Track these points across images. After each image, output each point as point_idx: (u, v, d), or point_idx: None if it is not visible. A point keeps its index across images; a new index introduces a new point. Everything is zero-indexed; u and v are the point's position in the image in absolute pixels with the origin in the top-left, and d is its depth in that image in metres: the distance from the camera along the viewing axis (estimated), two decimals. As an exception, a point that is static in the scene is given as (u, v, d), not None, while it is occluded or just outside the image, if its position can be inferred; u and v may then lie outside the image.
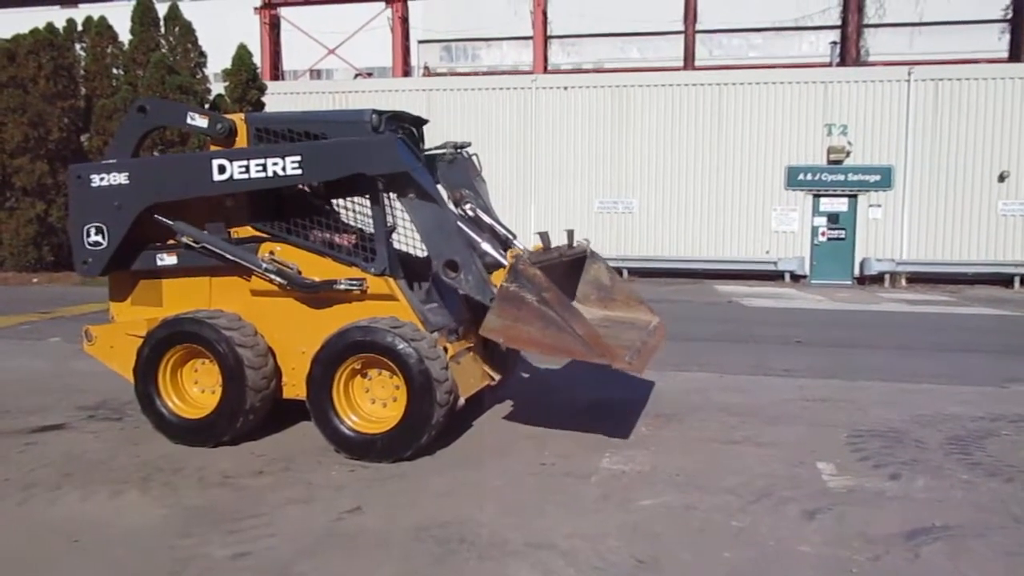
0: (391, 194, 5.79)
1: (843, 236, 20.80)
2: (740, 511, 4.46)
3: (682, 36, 27.70)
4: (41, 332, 11.12)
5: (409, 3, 28.46)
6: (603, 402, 7.02)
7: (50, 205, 20.37)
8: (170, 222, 5.73)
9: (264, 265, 5.54)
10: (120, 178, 5.71)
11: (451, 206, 6.01)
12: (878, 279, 20.41)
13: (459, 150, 6.23)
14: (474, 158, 6.35)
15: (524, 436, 5.91)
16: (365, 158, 5.34)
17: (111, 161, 5.89)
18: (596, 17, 29.88)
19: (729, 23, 30.00)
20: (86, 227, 5.82)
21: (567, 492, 4.76)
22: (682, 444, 5.79)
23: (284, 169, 5.37)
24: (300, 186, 6.04)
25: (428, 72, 31.44)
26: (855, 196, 20.66)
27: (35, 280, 19.40)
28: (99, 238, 5.79)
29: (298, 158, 5.35)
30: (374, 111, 5.57)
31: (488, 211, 6.30)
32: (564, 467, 5.21)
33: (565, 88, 22.16)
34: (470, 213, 6.20)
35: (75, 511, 4.44)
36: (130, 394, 5.89)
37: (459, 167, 6.23)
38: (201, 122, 5.76)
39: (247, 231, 5.71)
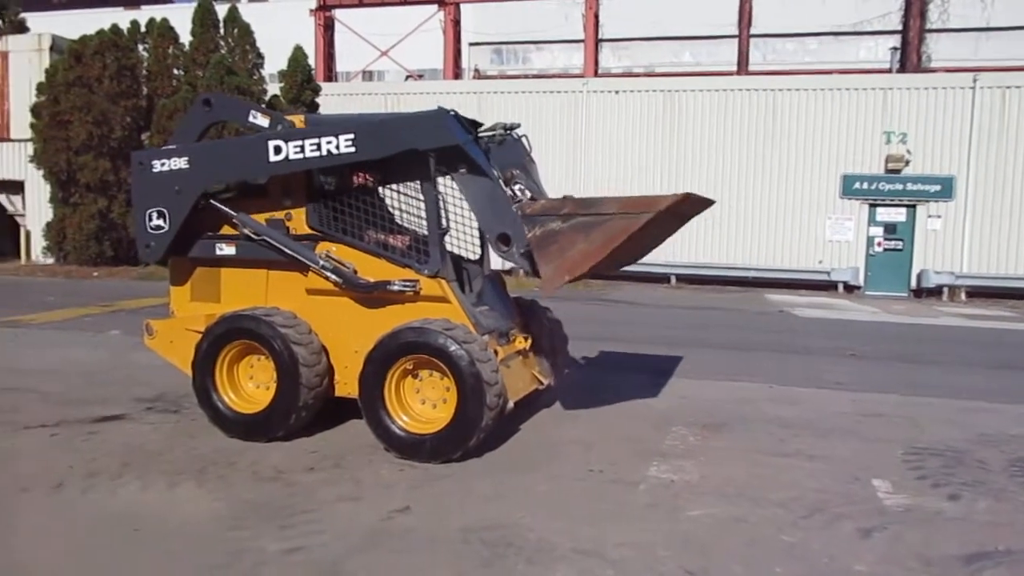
0: (443, 191, 5.83)
1: (900, 247, 20.29)
2: (792, 525, 4.38)
3: (735, 40, 27.32)
4: (102, 325, 11.47)
5: (461, 6, 28.63)
6: (651, 409, 6.96)
7: (111, 201, 20.99)
8: (233, 213, 5.87)
9: (321, 262, 5.63)
10: (180, 163, 5.87)
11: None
12: (936, 292, 19.84)
13: (508, 131, 6.22)
14: (524, 139, 6.34)
15: (571, 441, 5.90)
16: (417, 132, 5.41)
17: (171, 147, 6.06)
18: (648, 21, 29.70)
19: (784, 28, 29.53)
20: (148, 212, 5.99)
21: (615, 499, 4.73)
22: (731, 455, 5.71)
23: (338, 147, 5.46)
24: (355, 183, 6.08)
25: (479, 74, 31.62)
26: (913, 206, 20.14)
27: (96, 274, 20.02)
28: (160, 222, 5.96)
29: (351, 136, 5.43)
30: (431, 115, 5.62)
31: (538, 191, 6.26)
32: (612, 474, 5.19)
33: (616, 92, 22.06)
34: (520, 194, 6.17)
35: (135, 500, 4.57)
36: (186, 388, 6.04)
37: (509, 148, 6.18)
38: (263, 121, 5.88)
39: (304, 230, 5.81)
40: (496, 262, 6.41)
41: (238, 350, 5.72)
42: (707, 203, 6.09)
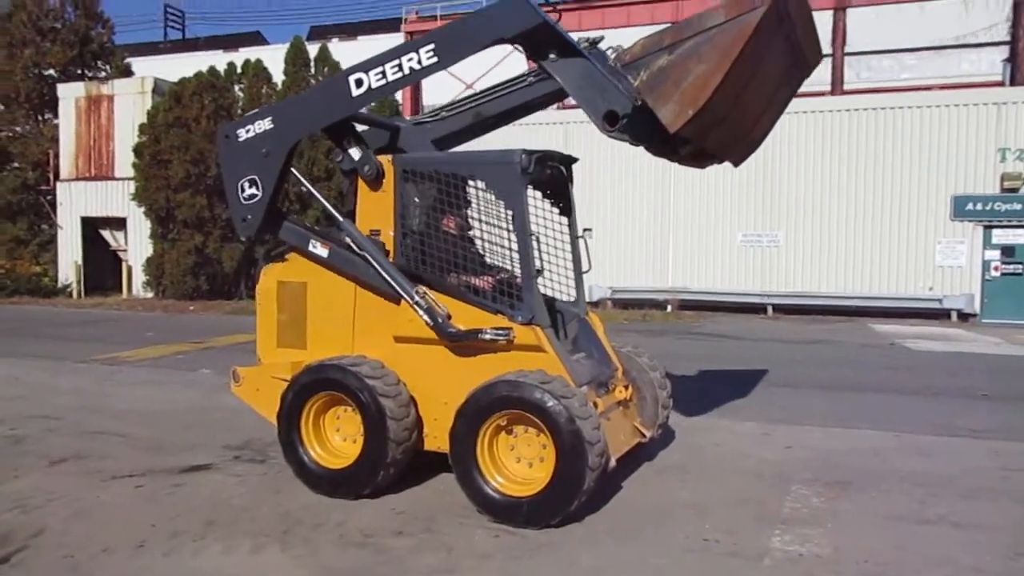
0: (536, 230, 5.42)
1: (1020, 271, 18.76)
2: (951, 618, 3.75)
3: (827, 59, 26.18)
4: (193, 362, 11.56)
5: (545, 35, 28.50)
6: (764, 463, 6.34)
7: (207, 237, 21.61)
8: (340, 217, 5.68)
9: (416, 298, 5.32)
10: (264, 124, 5.72)
11: None
12: (1063, 320, 18.21)
13: (594, 45, 5.78)
14: (609, 51, 5.90)
15: (681, 503, 5.36)
16: (498, 22, 5.09)
17: (254, 112, 5.94)
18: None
19: (879, 44, 28.16)
20: (240, 183, 5.83)
21: (737, 578, 4.19)
22: (864, 521, 5.07)
23: (420, 62, 5.20)
24: (447, 226, 5.74)
25: (564, 105, 31.36)
26: (1035, 227, 18.63)
27: (192, 308, 20.56)
28: (254, 190, 5.79)
29: (431, 46, 5.18)
30: (524, 151, 5.25)
31: None
32: (729, 545, 4.63)
33: (705, 116, 21.34)
34: None
35: (216, 566, 4.31)
36: (273, 434, 5.80)
37: (595, 60, 5.72)
38: (354, 152, 5.67)
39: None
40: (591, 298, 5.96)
41: (324, 401, 5.44)
42: (816, 42, 5.44)
